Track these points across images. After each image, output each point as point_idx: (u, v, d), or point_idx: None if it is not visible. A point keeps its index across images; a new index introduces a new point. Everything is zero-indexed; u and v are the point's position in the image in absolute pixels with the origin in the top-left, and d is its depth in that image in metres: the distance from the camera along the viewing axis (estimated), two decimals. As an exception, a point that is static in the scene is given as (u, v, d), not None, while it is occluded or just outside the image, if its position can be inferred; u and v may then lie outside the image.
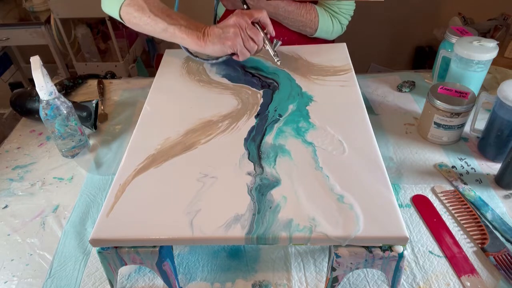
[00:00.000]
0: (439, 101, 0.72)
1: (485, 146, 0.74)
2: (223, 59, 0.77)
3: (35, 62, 0.66)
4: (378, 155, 0.57)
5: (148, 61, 2.29)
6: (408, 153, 0.76)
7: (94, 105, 0.82)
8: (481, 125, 0.76)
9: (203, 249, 0.60)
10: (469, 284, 0.54)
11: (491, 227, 0.61)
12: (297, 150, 0.59)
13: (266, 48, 0.74)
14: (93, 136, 0.84)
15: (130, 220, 0.49)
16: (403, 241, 0.46)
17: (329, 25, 0.95)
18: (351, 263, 0.49)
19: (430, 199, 0.66)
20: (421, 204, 0.66)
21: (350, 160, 0.56)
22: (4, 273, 0.59)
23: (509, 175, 0.66)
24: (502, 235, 0.60)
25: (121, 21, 0.79)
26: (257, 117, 0.66)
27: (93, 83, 1.00)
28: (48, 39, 1.82)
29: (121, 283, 0.57)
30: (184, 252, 0.60)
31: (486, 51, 0.76)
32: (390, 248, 0.47)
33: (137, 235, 0.48)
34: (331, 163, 0.56)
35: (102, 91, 0.96)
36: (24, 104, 0.85)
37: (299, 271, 0.57)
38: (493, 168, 0.72)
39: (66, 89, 0.95)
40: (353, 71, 0.76)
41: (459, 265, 0.56)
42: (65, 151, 0.77)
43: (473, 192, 0.67)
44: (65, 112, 0.71)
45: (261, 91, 0.72)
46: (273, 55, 0.73)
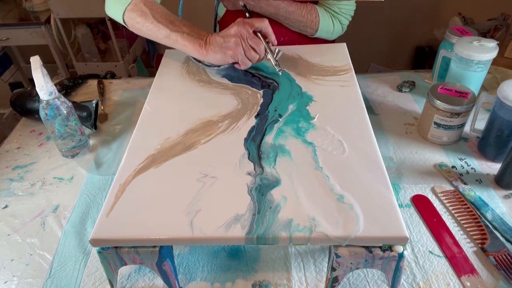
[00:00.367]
0: (439, 101, 0.72)
1: (485, 146, 0.74)
2: (225, 66, 0.77)
3: (35, 62, 0.66)
4: (378, 155, 0.57)
5: (148, 61, 2.29)
6: (408, 153, 0.76)
7: (94, 105, 0.82)
8: (481, 125, 0.76)
9: (203, 249, 0.60)
10: (469, 284, 0.54)
11: (491, 227, 0.61)
12: (297, 150, 0.59)
13: (267, 57, 0.74)
14: (93, 136, 0.84)
15: (130, 220, 0.49)
16: (403, 241, 0.46)
17: (329, 26, 0.95)
18: (351, 263, 0.49)
19: (430, 199, 0.66)
20: (421, 204, 0.66)
21: (350, 160, 0.56)
22: (4, 273, 0.59)
23: (509, 175, 0.66)
24: (502, 235, 0.60)
25: (125, 25, 0.79)
26: (257, 117, 0.66)
27: (93, 83, 1.00)
28: (48, 39, 1.82)
29: (121, 283, 0.57)
30: (184, 252, 0.60)
31: (486, 51, 0.76)
32: (390, 248, 0.47)
33: (137, 235, 0.48)
34: (331, 163, 0.56)
35: (102, 91, 0.96)
36: (24, 104, 0.85)
37: (299, 271, 0.57)
38: (493, 168, 0.72)
39: (66, 89, 0.95)
40: (353, 71, 0.76)
41: (459, 265, 0.56)
42: (65, 151, 0.77)
43: (473, 192, 0.67)
44: (65, 112, 0.71)
45: (261, 91, 0.72)
46: (275, 65, 0.73)
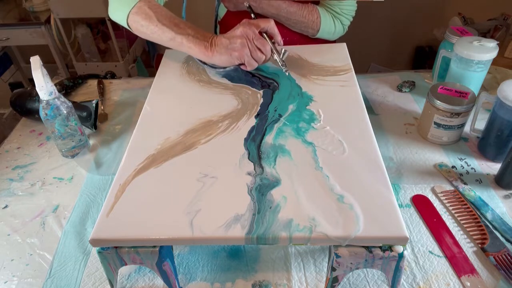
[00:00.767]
0: (439, 101, 0.72)
1: (485, 146, 0.74)
2: (231, 68, 0.76)
3: (35, 62, 0.66)
4: (378, 155, 0.57)
5: (148, 61, 2.29)
6: (408, 153, 0.76)
7: (94, 105, 0.82)
8: (481, 125, 0.76)
9: (203, 249, 0.60)
10: (469, 284, 0.54)
11: (491, 227, 0.61)
12: (297, 150, 0.59)
13: (273, 57, 0.73)
14: (93, 136, 0.84)
15: (130, 220, 0.49)
16: (403, 241, 0.46)
17: (331, 26, 0.94)
18: (351, 263, 0.49)
19: (430, 199, 0.66)
20: (421, 204, 0.66)
21: (350, 160, 0.56)
22: (4, 273, 0.59)
23: (509, 175, 0.66)
24: (502, 235, 0.60)
25: (129, 29, 0.78)
26: (257, 117, 0.66)
27: (93, 83, 1.00)
28: (48, 39, 1.82)
29: (121, 283, 0.57)
30: (184, 252, 0.60)
31: (486, 51, 0.76)
32: (390, 248, 0.47)
33: (137, 235, 0.48)
34: (331, 163, 0.56)
35: (102, 91, 0.96)
36: (24, 104, 0.85)
37: (299, 271, 0.57)
38: (493, 168, 0.72)
39: (66, 89, 0.95)
40: (353, 71, 0.76)
41: (459, 265, 0.56)
42: (65, 151, 0.77)
43: (473, 192, 0.67)
44: (65, 112, 0.71)
45: (261, 91, 0.72)
46: (281, 65, 0.73)
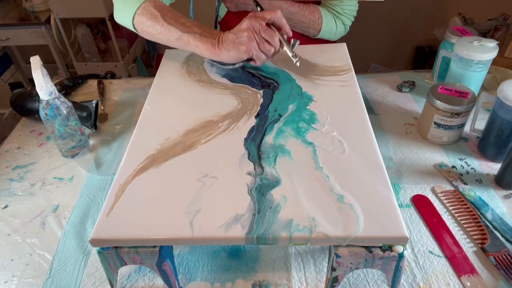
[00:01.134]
0: (439, 101, 0.72)
1: (485, 146, 0.74)
2: (240, 65, 0.74)
3: (35, 62, 0.66)
4: (378, 155, 0.57)
5: (148, 61, 2.29)
6: (408, 153, 0.76)
7: (94, 105, 0.82)
8: (481, 125, 0.76)
9: (203, 249, 0.60)
10: (469, 284, 0.54)
11: (491, 227, 0.61)
12: (297, 150, 0.59)
13: (283, 49, 0.70)
14: (93, 136, 0.83)
15: (130, 220, 0.49)
16: (403, 241, 0.46)
17: (332, 26, 0.94)
18: (351, 263, 0.49)
19: (430, 199, 0.66)
20: (421, 204, 0.66)
21: (350, 160, 0.56)
22: (4, 273, 0.59)
23: (509, 175, 0.66)
24: (502, 235, 0.60)
25: (135, 31, 0.77)
26: (257, 117, 0.66)
27: (93, 83, 1.00)
28: (48, 39, 1.82)
29: (121, 283, 0.57)
30: (184, 252, 0.60)
31: (486, 51, 0.76)
32: (390, 248, 0.47)
33: (137, 235, 0.48)
34: (331, 163, 0.56)
35: (102, 91, 0.96)
36: (24, 104, 0.85)
37: (299, 271, 0.57)
38: (493, 168, 0.72)
39: (66, 89, 0.95)
40: (353, 71, 0.76)
41: (459, 265, 0.56)
42: (65, 151, 0.77)
43: (473, 192, 0.67)
44: (65, 112, 0.71)
45: (261, 91, 0.72)
46: (292, 56, 0.70)
